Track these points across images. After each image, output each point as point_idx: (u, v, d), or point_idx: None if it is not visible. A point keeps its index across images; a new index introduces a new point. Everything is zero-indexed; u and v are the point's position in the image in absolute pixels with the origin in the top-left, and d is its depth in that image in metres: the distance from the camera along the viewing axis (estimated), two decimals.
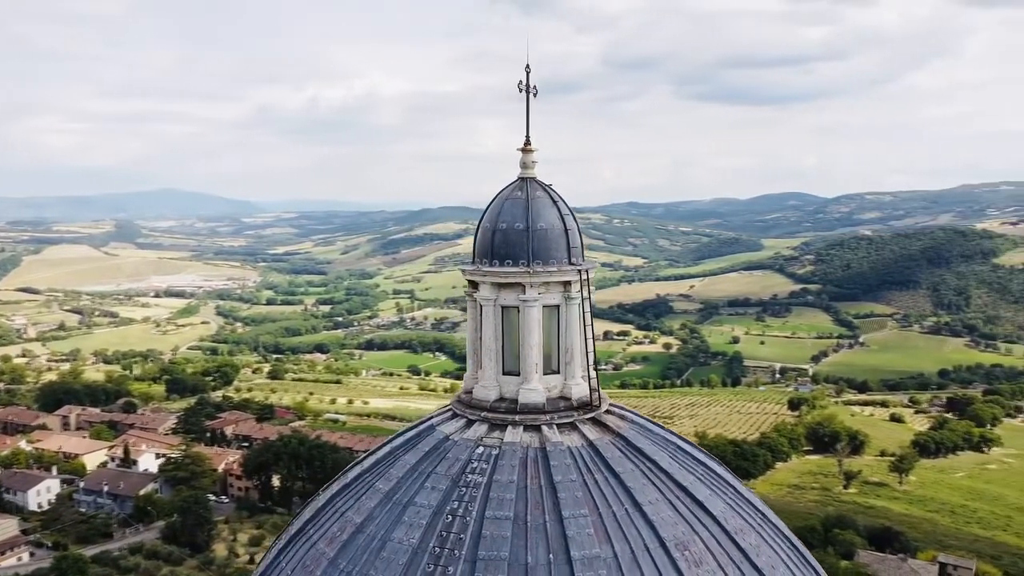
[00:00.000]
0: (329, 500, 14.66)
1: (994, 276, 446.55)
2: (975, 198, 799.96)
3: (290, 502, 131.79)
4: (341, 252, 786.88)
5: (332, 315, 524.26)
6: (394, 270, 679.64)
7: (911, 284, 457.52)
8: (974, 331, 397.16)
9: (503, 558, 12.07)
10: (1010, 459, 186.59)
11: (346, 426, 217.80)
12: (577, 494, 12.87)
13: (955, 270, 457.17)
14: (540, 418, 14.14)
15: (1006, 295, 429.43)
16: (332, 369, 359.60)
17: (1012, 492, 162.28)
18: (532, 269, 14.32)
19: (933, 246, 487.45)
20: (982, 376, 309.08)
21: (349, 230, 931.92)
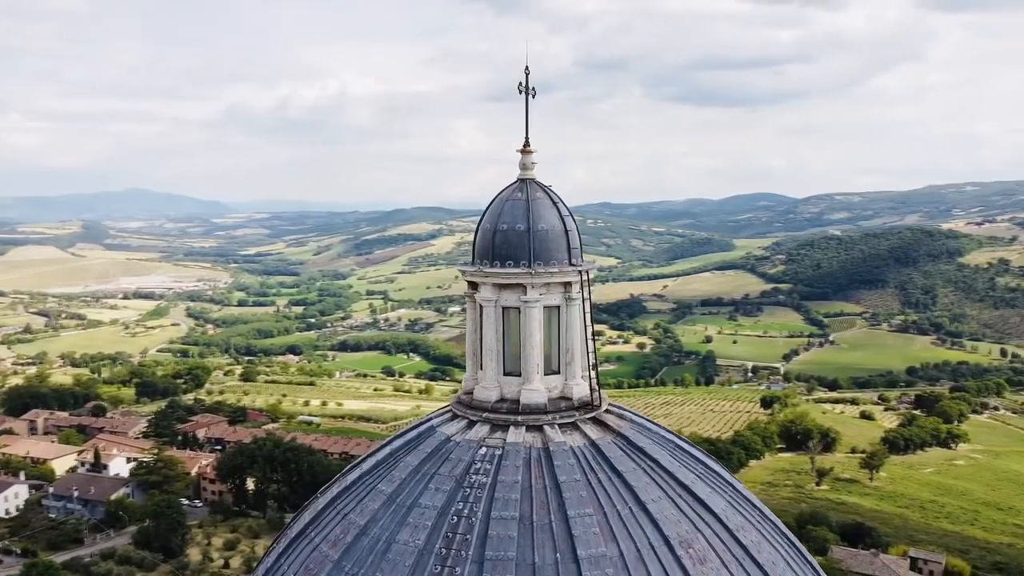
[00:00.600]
0: (330, 502, 14.58)
1: (960, 275, 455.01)
2: (941, 199, 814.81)
3: (265, 505, 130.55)
4: (314, 253, 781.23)
5: (305, 316, 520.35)
6: (367, 271, 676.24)
7: (879, 283, 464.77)
8: (941, 329, 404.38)
9: (510, 558, 12.10)
10: (977, 455, 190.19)
11: (320, 428, 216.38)
12: (581, 493, 12.94)
13: (922, 269, 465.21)
14: (542, 418, 14.19)
15: (971, 294, 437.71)
16: (305, 371, 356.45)
17: (979, 487, 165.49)
18: (534, 270, 14.36)
19: (901, 246, 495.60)
20: (949, 373, 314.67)
21: (322, 231, 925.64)
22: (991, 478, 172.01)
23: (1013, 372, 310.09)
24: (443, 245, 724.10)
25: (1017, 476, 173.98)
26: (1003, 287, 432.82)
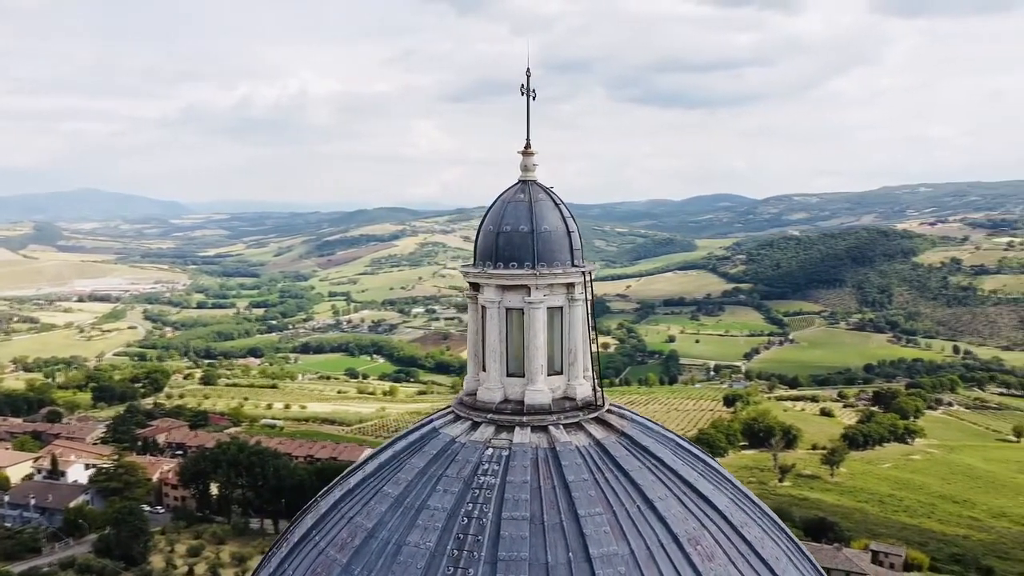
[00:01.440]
0: (333, 506, 14.47)
1: (914, 274, 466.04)
2: (895, 199, 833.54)
3: (229, 510, 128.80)
4: (274, 254, 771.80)
5: (266, 318, 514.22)
6: (329, 272, 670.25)
7: (837, 282, 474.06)
8: (896, 327, 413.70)
9: (523, 558, 12.15)
10: (932, 449, 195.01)
11: (284, 431, 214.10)
12: (590, 493, 13.04)
13: (878, 269, 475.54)
14: (547, 419, 14.26)
15: (925, 292, 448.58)
16: (267, 373, 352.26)
17: (935, 481, 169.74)
18: (538, 272, 14.42)
19: (857, 246, 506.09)
20: (904, 370, 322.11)
21: (282, 231, 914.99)
22: (946, 472, 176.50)
23: (965, 369, 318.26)
24: (406, 246, 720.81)
25: (971, 470, 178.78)
26: (955, 286, 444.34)
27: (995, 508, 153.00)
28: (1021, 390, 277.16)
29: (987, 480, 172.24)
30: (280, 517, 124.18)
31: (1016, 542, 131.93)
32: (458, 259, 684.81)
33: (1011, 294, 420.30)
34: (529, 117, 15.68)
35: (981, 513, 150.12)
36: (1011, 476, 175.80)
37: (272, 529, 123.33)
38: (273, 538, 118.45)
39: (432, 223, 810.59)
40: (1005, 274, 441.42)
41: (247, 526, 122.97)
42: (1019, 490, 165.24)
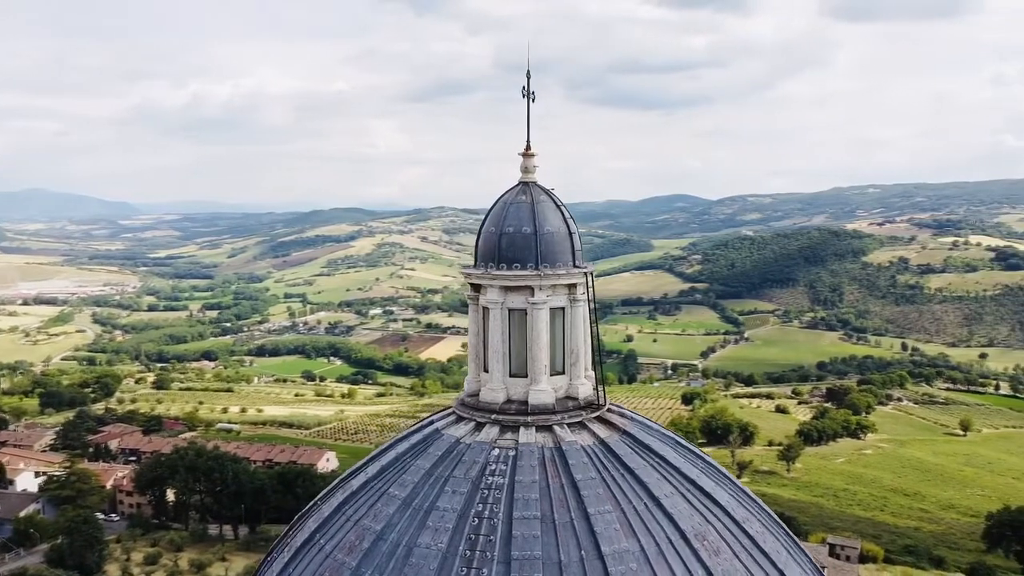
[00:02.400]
0: (337, 509, 14.36)
1: (864, 274, 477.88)
2: (846, 200, 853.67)
3: (187, 517, 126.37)
4: (228, 255, 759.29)
5: (220, 321, 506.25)
6: (284, 273, 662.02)
7: (790, 282, 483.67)
8: (847, 325, 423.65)
9: (537, 557, 12.23)
10: (883, 444, 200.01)
11: (241, 436, 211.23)
12: (599, 491, 13.18)
13: (829, 268, 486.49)
14: (551, 418, 14.36)
15: (874, 291, 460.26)
16: (222, 377, 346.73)
17: (887, 475, 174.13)
18: (542, 272, 14.51)
19: (809, 245, 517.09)
20: (855, 367, 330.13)
21: (236, 232, 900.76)
22: (897, 466, 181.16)
23: (913, 365, 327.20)
24: (363, 246, 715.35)
25: (920, 463, 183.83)
26: (903, 284, 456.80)
27: (944, 500, 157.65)
28: (967, 385, 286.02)
29: (936, 473, 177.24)
30: (240, 522, 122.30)
31: (964, 533, 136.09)
32: (416, 259, 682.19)
33: (956, 292, 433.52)
34: (529, 119, 15.73)
35: (931, 505, 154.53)
36: (958, 469, 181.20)
37: (232, 535, 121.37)
38: (234, 544, 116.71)
39: (389, 223, 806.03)
40: (950, 273, 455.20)
41: (206, 532, 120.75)
42: (966, 482, 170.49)
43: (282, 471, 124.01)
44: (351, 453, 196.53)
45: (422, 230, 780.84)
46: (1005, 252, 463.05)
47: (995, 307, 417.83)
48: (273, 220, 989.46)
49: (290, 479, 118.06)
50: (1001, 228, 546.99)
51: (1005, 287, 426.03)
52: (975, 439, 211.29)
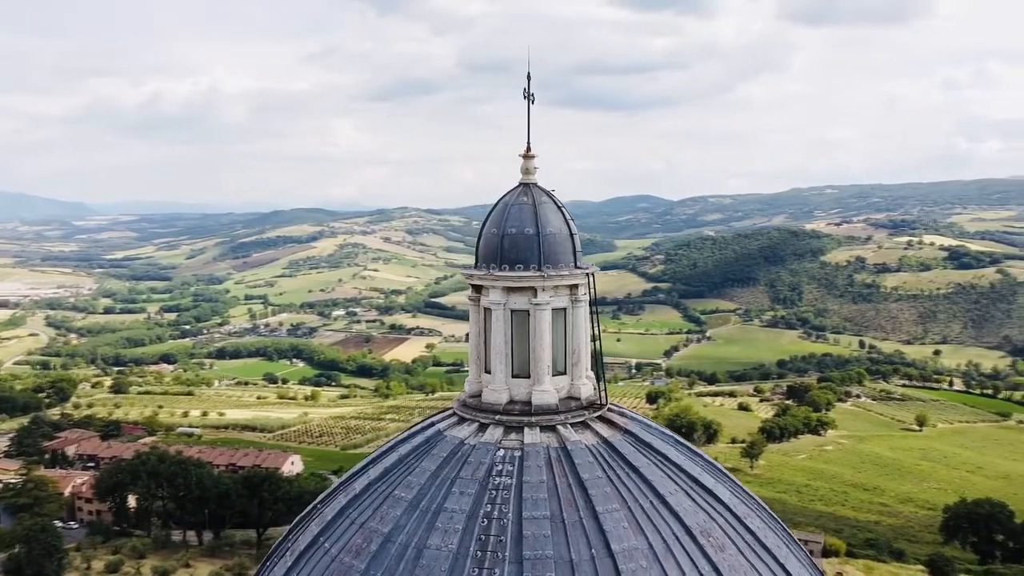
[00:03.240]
0: (340, 512, 14.26)
1: (822, 273, 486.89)
2: (804, 201, 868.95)
3: (149, 523, 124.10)
4: (186, 256, 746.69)
5: (179, 323, 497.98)
6: (245, 274, 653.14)
7: (751, 281, 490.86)
8: (806, 323, 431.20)
9: (548, 556, 12.29)
10: (843, 440, 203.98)
11: (202, 440, 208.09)
12: (606, 490, 13.29)
13: (789, 267, 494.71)
14: (555, 418, 14.44)
15: (832, 290, 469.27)
16: (182, 380, 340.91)
17: (847, 470, 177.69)
18: (545, 273, 14.58)
19: (769, 245, 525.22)
20: (815, 365, 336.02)
21: (194, 233, 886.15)
22: (857, 461, 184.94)
23: (871, 362, 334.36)
24: (325, 247, 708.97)
25: (879, 458, 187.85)
26: (860, 283, 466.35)
27: (902, 494, 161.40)
28: (922, 382, 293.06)
29: (894, 468, 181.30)
30: (204, 528, 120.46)
31: (922, 525, 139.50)
32: (379, 260, 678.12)
33: (911, 291, 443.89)
34: (529, 121, 15.80)
35: (890, 499, 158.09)
36: (915, 463, 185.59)
37: (196, 540, 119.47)
38: (199, 550, 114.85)
39: (352, 224, 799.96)
40: (905, 272, 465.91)
41: (169, 538, 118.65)
42: (923, 476, 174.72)
43: (247, 475, 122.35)
44: (316, 456, 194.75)
45: (385, 231, 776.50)
46: (957, 252, 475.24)
47: (948, 305, 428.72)
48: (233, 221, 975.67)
49: (256, 483, 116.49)
50: (953, 228, 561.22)
51: (957, 286, 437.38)
52: (931, 434, 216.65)
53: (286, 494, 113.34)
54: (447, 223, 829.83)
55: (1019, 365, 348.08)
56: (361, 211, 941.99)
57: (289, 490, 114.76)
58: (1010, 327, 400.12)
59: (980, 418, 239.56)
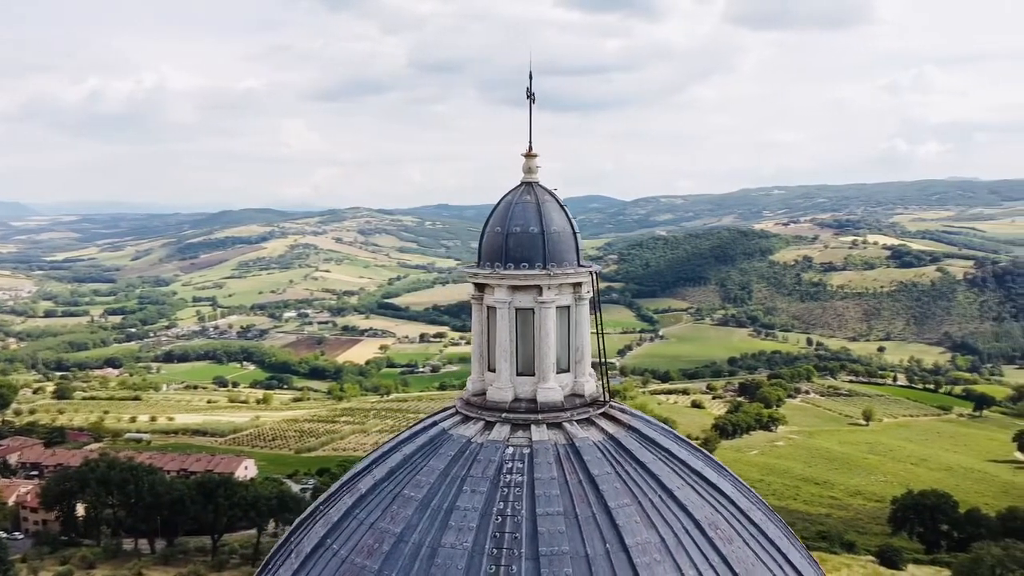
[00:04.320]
0: (347, 513, 14.11)
1: (771, 272, 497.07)
2: (752, 201, 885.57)
3: (99, 532, 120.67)
4: (131, 258, 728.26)
5: (124, 326, 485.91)
6: (193, 276, 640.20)
7: (702, 280, 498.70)
8: (756, 322, 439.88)
9: (564, 552, 12.38)
10: (793, 435, 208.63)
11: (152, 445, 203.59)
12: (616, 485, 13.42)
13: (739, 267, 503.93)
14: (561, 415, 14.53)
15: (781, 288, 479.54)
16: (128, 385, 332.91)
17: (798, 465, 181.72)
18: (551, 271, 14.67)
19: (719, 245, 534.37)
20: (765, 362, 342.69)
21: (140, 234, 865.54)
22: (807, 456, 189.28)
23: (818, 359, 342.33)
24: (276, 248, 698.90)
25: (828, 453, 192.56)
26: (807, 282, 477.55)
27: (851, 487, 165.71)
28: (867, 377, 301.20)
29: (843, 461, 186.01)
30: (156, 535, 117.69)
31: (871, 517, 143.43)
32: (331, 261, 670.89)
33: (855, 289, 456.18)
34: (531, 120, 15.88)
35: (839, 493, 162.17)
36: (863, 457, 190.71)
37: (148, 549, 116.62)
38: (151, 558, 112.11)
39: (303, 224, 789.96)
40: (850, 271, 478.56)
41: (120, 547, 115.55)
42: (871, 469, 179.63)
43: (201, 481, 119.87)
44: (270, 460, 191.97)
45: (337, 231, 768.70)
46: (900, 251, 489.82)
47: (891, 303, 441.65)
48: (180, 221, 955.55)
49: (210, 489, 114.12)
50: (896, 228, 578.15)
51: (900, 284, 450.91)
52: (877, 428, 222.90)
53: (242, 499, 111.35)
54: (400, 223, 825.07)
55: (958, 361, 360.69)
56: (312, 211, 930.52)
57: (245, 495, 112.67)
58: (949, 324, 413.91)
59: (923, 412, 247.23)
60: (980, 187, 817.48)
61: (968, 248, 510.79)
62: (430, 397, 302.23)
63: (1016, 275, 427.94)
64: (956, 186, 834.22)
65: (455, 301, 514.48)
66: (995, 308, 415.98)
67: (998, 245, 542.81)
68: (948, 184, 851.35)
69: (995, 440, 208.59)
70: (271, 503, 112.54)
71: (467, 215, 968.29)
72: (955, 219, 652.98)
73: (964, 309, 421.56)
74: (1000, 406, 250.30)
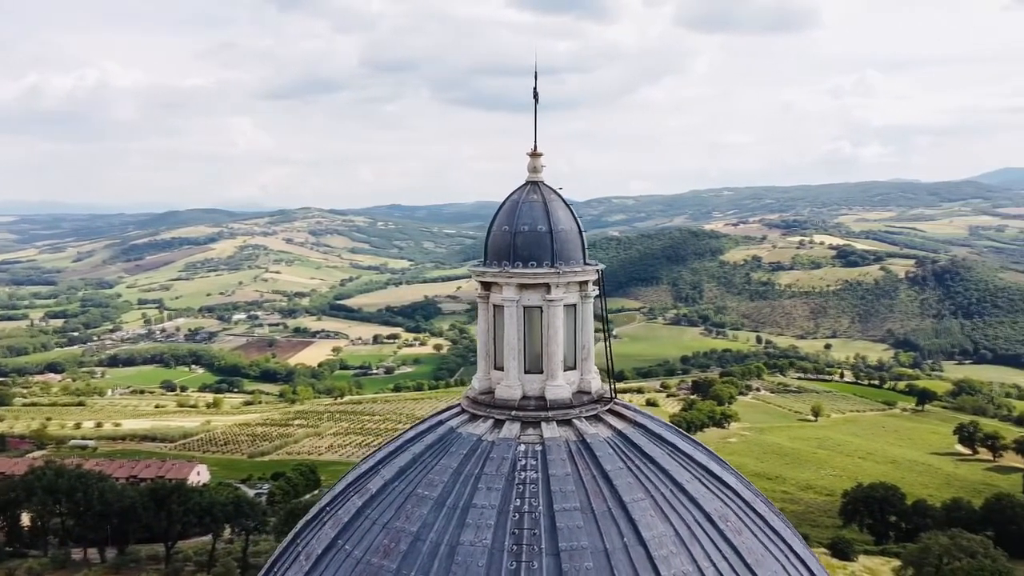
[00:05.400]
0: (357, 513, 14.00)
1: (721, 271, 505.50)
2: (703, 202, 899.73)
3: (46, 542, 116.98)
4: (73, 260, 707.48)
5: (66, 330, 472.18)
6: (138, 278, 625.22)
7: (654, 280, 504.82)
8: (707, 320, 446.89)
9: (584, 547, 12.51)
10: (746, 431, 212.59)
11: (98, 452, 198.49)
12: (629, 480, 13.61)
13: (690, 267, 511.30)
14: (570, 412, 14.67)
15: (731, 288, 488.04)
16: (71, 390, 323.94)
17: (750, 461, 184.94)
18: (560, 270, 14.79)
19: (671, 245, 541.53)
20: (716, 360, 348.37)
21: (82, 235, 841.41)
22: (759, 452, 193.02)
23: (768, 356, 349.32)
24: (224, 249, 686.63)
25: (780, 448, 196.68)
26: (756, 281, 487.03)
27: (802, 481, 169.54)
28: (815, 374, 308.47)
29: (793, 456, 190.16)
30: (106, 544, 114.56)
31: (822, 511, 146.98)
32: (281, 262, 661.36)
33: (803, 288, 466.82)
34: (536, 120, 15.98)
35: (791, 487, 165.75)
36: (812, 452, 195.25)
37: (98, 558, 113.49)
38: (101, 568, 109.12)
39: (252, 225, 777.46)
40: (798, 270, 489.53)
41: (68, 557, 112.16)
42: (820, 464, 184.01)
43: (154, 487, 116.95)
44: (223, 465, 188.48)
45: (287, 231, 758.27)
46: (845, 250, 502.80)
47: (837, 301, 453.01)
48: (124, 222, 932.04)
49: (163, 495, 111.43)
50: (841, 228, 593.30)
51: (845, 282, 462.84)
52: (825, 423, 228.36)
53: (197, 505, 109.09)
54: (351, 224, 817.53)
55: (901, 357, 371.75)
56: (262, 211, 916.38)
57: (200, 501, 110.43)
58: (892, 321, 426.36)
59: (869, 407, 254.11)
60: (920, 188, 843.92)
61: (909, 248, 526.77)
62: (385, 399, 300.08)
63: (955, 274, 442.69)
64: (898, 187, 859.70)
65: (408, 302, 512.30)
66: (935, 306, 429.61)
67: (938, 245, 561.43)
68: (890, 185, 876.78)
69: (937, 433, 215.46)
70: (227, 509, 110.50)
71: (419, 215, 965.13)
72: (897, 219, 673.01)
73: (906, 307, 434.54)
74: (941, 400, 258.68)
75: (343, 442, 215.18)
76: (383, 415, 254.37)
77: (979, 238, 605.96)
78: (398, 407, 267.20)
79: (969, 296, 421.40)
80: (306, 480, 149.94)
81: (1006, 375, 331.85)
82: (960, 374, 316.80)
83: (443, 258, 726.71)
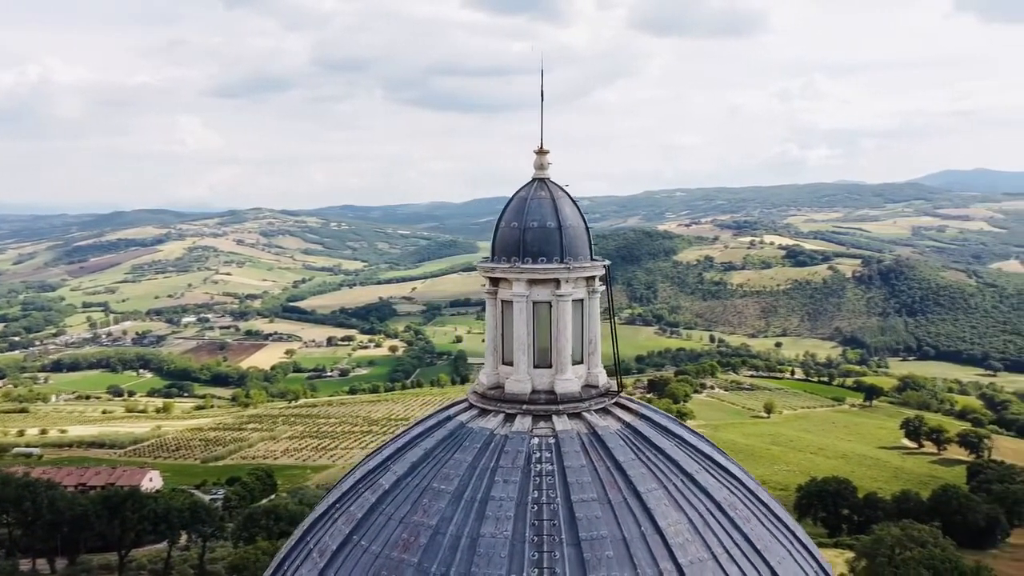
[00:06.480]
0: (371, 509, 13.98)
1: (675, 271, 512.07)
2: (656, 203, 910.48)
3: None
4: (13, 262, 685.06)
5: (6, 335, 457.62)
6: (82, 280, 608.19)
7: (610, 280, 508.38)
8: (662, 320, 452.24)
9: (604, 536, 12.71)
10: (701, 429, 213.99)
11: (44, 460, 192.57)
12: (641, 471, 13.87)
13: (644, 267, 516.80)
14: (580, 406, 14.89)
15: (684, 288, 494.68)
16: (13, 397, 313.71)
17: None
18: (569, 265, 14.97)
19: (626, 245, 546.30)
20: (671, 359, 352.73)
21: (22, 236, 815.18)
22: None
23: (721, 355, 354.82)
24: (172, 250, 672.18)
25: (734, 445, 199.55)
26: (709, 281, 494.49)
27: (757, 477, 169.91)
28: (767, 372, 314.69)
29: (747, 453, 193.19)
30: (57, 554, 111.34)
31: None
32: (232, 263, 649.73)
33: (754, 288, 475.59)
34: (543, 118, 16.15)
35: None
36: (766, 448, 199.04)
37: (47, 568, 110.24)
38: None
39: (201, 226, 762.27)
40: (749, 270, 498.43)
41: (16, 568, 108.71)
42: (774, 460, 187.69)
43: (107, 495, 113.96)
44: (175, 471, 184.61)
45: (237, 232, 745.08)
46: (794, 250, 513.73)
47: (787, 300, 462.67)
48: (67, 222, 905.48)
49: (116, 503, 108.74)
50: (790, 228, 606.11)
51: (795, 282, 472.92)
52: (778, 420, 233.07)
53: (152, 512, 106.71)
54: (304, 224, 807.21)
55: (848, 354, 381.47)
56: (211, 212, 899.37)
57: (155, 507, 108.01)
58: (840, 319, 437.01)
59: (819, 403, 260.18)
60: (866, 190, 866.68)
61: (856, 247, 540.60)
62: (340, 402, 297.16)
63: (899, 273, 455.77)
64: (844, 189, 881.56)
65: (362, 303, 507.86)
66: (880, 304, 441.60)
67: (883, 244, 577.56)
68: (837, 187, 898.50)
69: (884, 428, 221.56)
70: (183, 515, 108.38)
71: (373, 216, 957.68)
72: (843, 220, 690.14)
73: (853, 305, 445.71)
74: (887, 396, 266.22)
75: (299, 446, 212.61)
76: (339, 418, 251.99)
77: (921, 238, 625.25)
78: (354, 410, 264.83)
79: (912, 295, 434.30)
80: (263, 484, 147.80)
81: (948, 371, 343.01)
82: (905, 370, 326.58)
83: (397, 259, 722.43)
